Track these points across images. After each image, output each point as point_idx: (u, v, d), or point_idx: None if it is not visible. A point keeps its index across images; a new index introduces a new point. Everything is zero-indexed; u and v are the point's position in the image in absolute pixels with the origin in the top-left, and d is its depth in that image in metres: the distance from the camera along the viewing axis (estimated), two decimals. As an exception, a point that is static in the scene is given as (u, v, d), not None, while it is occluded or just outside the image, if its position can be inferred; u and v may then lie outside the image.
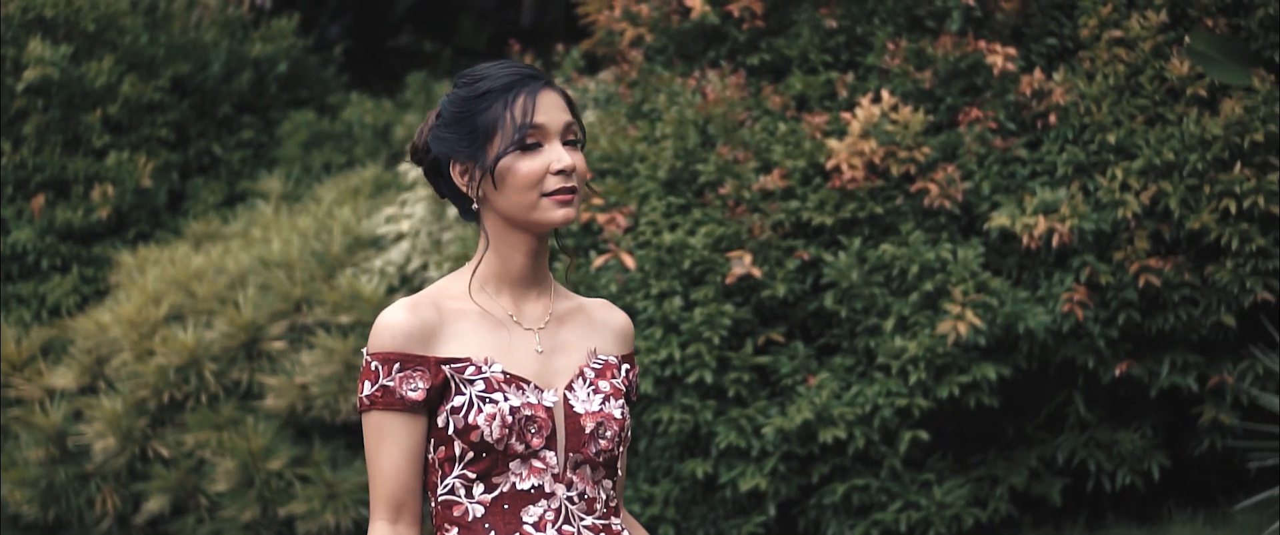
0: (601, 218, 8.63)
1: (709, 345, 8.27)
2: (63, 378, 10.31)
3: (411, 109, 12.05)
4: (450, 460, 3.42)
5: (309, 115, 12.12)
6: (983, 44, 8.72)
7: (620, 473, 3.59)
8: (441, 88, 12.24)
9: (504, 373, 3.43)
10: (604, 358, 3.58)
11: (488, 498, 3.42)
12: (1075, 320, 8.25)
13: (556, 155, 3.43)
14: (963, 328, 8.07)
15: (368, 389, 3.42)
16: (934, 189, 8.41)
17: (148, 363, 9.95)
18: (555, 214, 3.43)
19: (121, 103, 11.68)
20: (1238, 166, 8.37)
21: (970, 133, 8.62)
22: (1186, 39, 8.68)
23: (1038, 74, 8.71)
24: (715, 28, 9.18)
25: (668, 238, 8.42)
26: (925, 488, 8.46)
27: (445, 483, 3.44)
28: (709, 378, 8.25)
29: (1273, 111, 8.43)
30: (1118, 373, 8.42)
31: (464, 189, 3.48)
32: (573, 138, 3.47)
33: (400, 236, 10.28)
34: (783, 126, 8.76)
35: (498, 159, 3.43)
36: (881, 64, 8.88)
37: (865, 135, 8.48)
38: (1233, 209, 8.31)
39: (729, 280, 8.30)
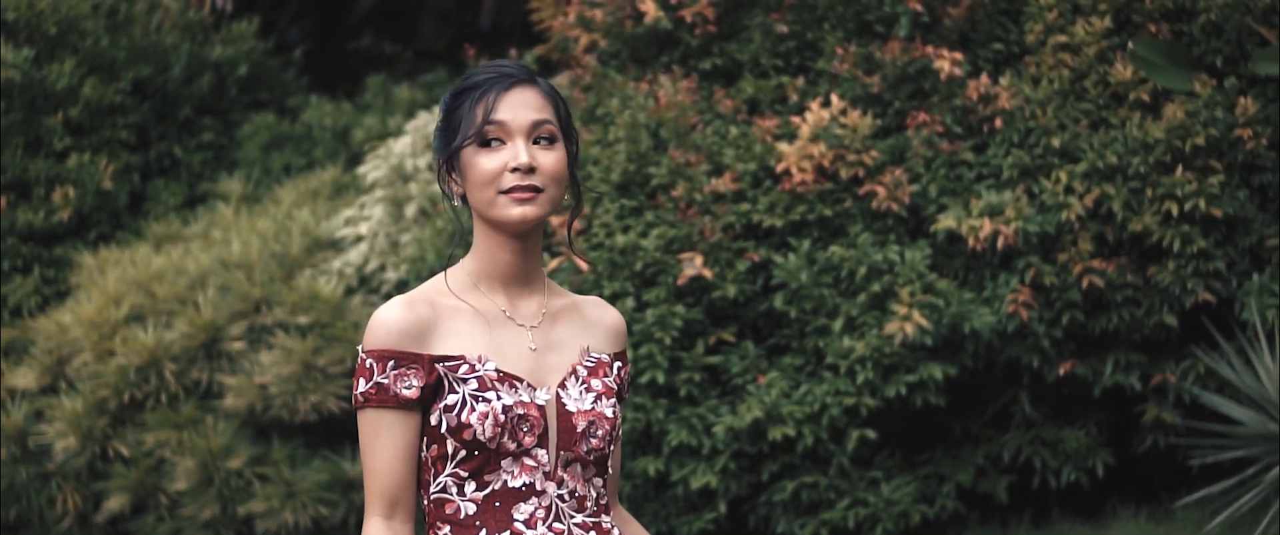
0: (555, 220, 8.73)
1: (661, 345, 8.39)
2: (24, 378, 10.34)
3: (371, 111, 12.11)
4: (443, 458, 3.44)
5: (269, 118, 12.18)
6: (930, 49, 8.85)
7: (612, 470, 3.60)
8: (400, 90, 12.32)
9: (497, 371, 3.43)
10: (597, 356, 3.58)
11: (479, 495, 3.43)
12: (1020, 321, 8.39)
13: (515, 153, 3.42)
14: (909, 328, 8.20)
15: (362, 386, 3.42)
16: (882, 192, 8.54)
17: (108, 363, 9.99)
18: (511, 212, 3.43)
19: (83, 105, 11.74)
20: (1180, 170, 8.52)
21: (918, 136, 8.74)
22: (1130, 44, 8.84)
23: (984, 79, 8.84)
24: (668, 32, 9.29)
25: (620, 240, 8.54)
26: (873, 485, 8.58)
27: (438, 480, 3.45)
28: (661, 378, 8.36)
29: (1214, 116, 8.58)
30: (1062, 372, 8.56)
31: (441, 185, 3.52)
32: (544, 136, 3.45)
33: (359, 238, 10.35)
34: (734, 130, 8.89)
35: (451, 153, 3.46)
36: (831, 69, 9.01)
37: (815, 139, 8.60)
38: (1175, 211, 8.46)
39: (681, 281, 8.42)
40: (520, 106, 3.44)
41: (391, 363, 3.39)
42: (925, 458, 8.87)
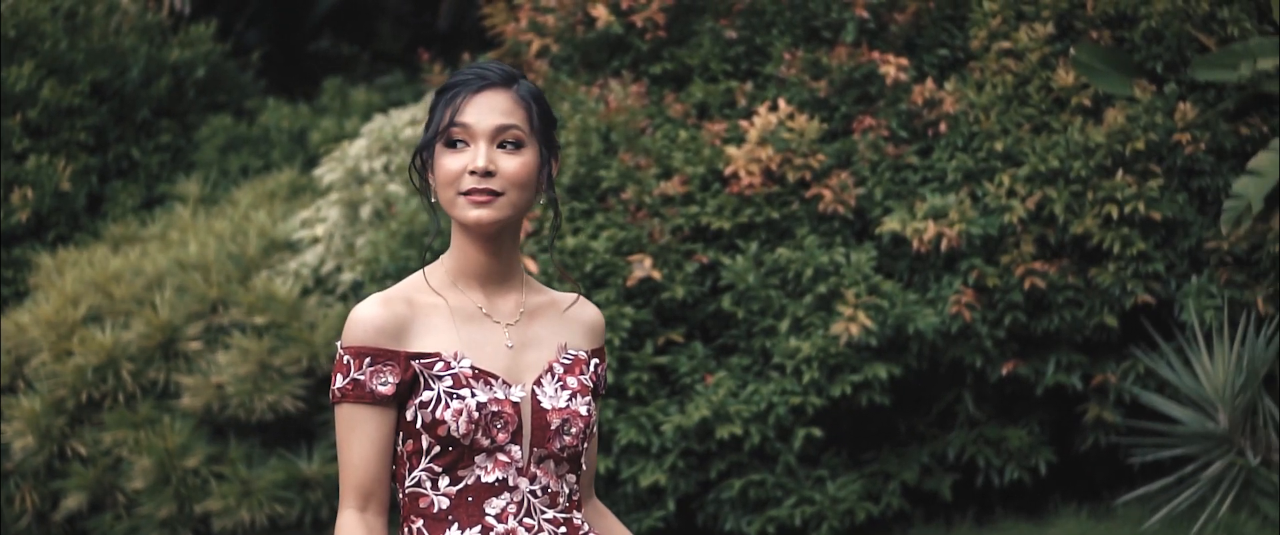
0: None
1: (610, 346, 8.50)
2: (-18, 377, 10.39)
3: (327, 114, 12.15)
4: (417, 453, 3.46)
5: (226, 120, 12.21)
6: (876, 54, 8.98)
7: (586, 467, 3.62)
8: (357, 93, 12.37)
9: (473, 368, 3.46)
10: (574, 353, 3.60)
11: (453, 490, 3.46)
12: (963, 321, 8.52)
13: (474, 155, 3.43)
14: (855, 329, 8.33)
15: (340, 381, 3.44)
16: (828, 195, 8.66)
17: (66, 363, 10.02)
18: (468, 214, 3.45)
19: (41, 107, 11.77)
20: (1120, 173, 8.67)
21: (864, 140, 8.87)
22: (1072, 50, 8.98)
23: (929, 84, 8.97)
24: (619, 38, 9.40)
25: (571, 242, 8.66)
26: (819, 483, 8.70)
27: (412, 474, 3.48)
28: (610, 377, 8.48)
29: (1154, 121, 8.72)
30: (1005, 372, 8.69)
31: (420, 181, 3.56)
32: (510, 140, 3.45)
33: (315, 240, 10.40)
34: (683, 134, 9.00)
35: (416, 152, 3.52)
36: (779, 73, 9.13)
37: (762, 142, 8.73)
38: (1115, 214, 8.61)
39: (630, 283, 8.54)
40: (487, 110, 3.45)
41: (368, 360, 3.43)
42: (871, 456, 8.99)
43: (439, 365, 3.45)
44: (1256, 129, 8.90)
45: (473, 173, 3.43)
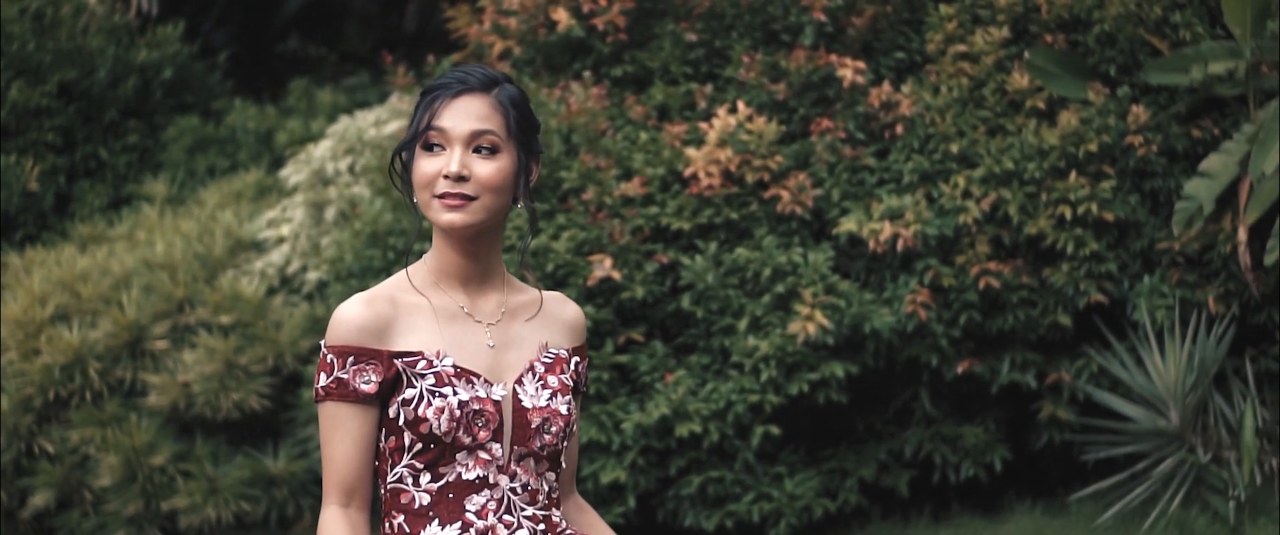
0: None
1: (572, 345, 8.58)
2: (-50, 376, 10.42)
3: (294, 115, 12.20)
4: (400, 450, 3.51)
5: (193, 120, 12.27)
6: (834, 58, 9.08)
7: (566, 464, 3.67)
8: (323, 94, 12.43)
9: (455, 366, 3.51)
10: (555, 351, 3.65)
11: (434, 486, 3.51)
12: (919, 320, 8.63)
13: (447, 160, 3.47)
14: (812, 328, 8.43)
15: (323, 380, 3.50)
16: (786, 196, 8.77)
17: (33, 361, 10.06)
18: (441, 217, 3.49)
19: (9, 108, 11.82)
20: (1073, 175, 8.78)
21: (821, 142, 8.98)
22: (1027, 54, 9.09)
23: (886, 86, 9.08)
24: (580, 40, 9.49)
25: (532, 242, 8.74)
26: (777, 480, 8.80)
27: (394, 471, 3.53)
28: (579, 374, 8.55)
29: (1107, 123, 8.85)
30: (960, 370, 8.81)
31: (402, 181, 3.61)
32: (485, 146, 3.49)
33: (280, 240, 10.47)
34: (643, 135, 9.10)
35: (395, 153, 3.58)
36: (738, 76, 9.23)
37: (722, 144, 8.82)
38: (1068, 215, 8.73)
39: (590, 283, 8.63)
40: (463, 115, 3.49)
41: (351, 358, 3.48)
42: (829, 453, 9.09)
43: (422, 364, 3.50)
44: (1208, 132, 9.01)
45: (446, 177, 3.47)
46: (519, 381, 3.57)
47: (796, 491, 8.72)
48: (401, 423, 3.49)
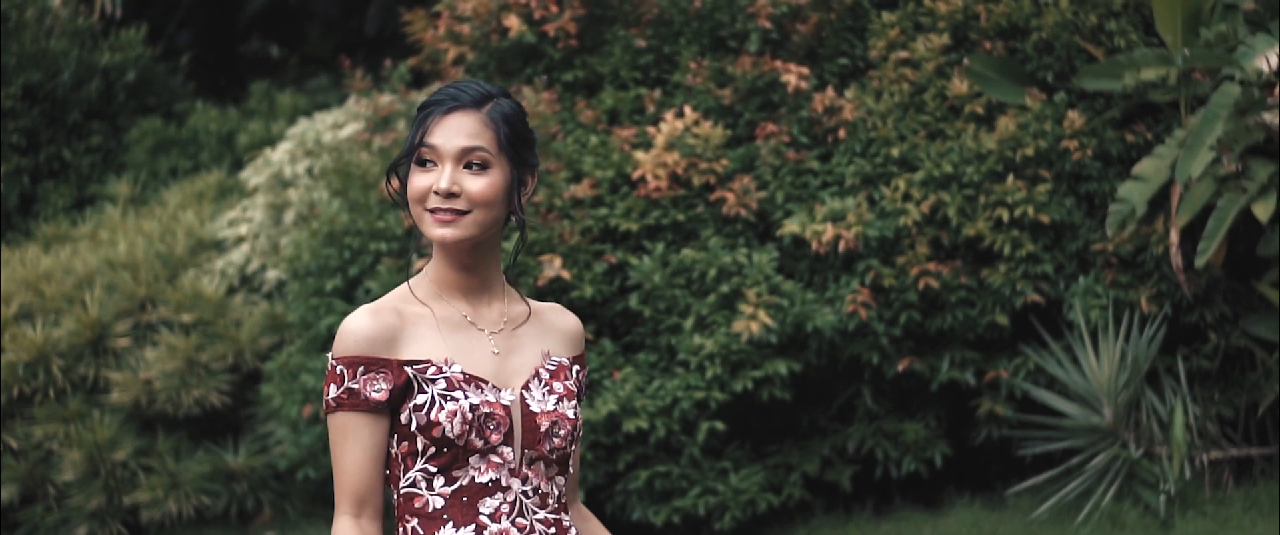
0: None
1: (522, 343, 8.73)
2: (-85, 373, 10.52)
3: (255, 117, 12.32)
4: (413, 454, 3.51)
5: (156, 122, 12.41)
6: (779, 64, 9.29)
7: (572, 470, 3.68)
8: (284, 96, 12.55)
9: (463, 373, 3.51)
10: (557, 359, 3.66)
11: (447, 490, 3.51)
12: (860, 320, 8.82)
13: (438, 176, 3.49)
14: (755, 326, 8.61)
15: (334, 391, 3.49)
16: (732, 198, 8.96)
17: (-2, 359, 10.19)
18: (433, 232, 3.51)
19: (-26, 110, 11.95)
20: (1010, 178, 8.99)
21: (766, 146, 9.18)
22: (966, 61, 9.30)
23: (830, 92, 9.28)
24: (533, 46, 9.67)
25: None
26: (723, 474, 8.98)
27: (407, 476, 3.52)
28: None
29: (1043, 128, 9.04)
30: (901, 368, 8.99)
31: (398, 194, 3.62)
32: (475, 162, 3.50)
33: (240, 240, 10.64)
34: (593, 139, 9.28)
35: (390, 168, 3.59)
36: (686, 82, 9.42)
37: (669, 148, 9.01)
38: (1005, 217, 8.94)
39: (541, 282, 8.80)
40: (453, 133, 3.51)
41: (361, 368, 3.48)
42: (773, 449, 9.27)
43: (431, 370, 3.50)
44: (1141, 136, 9.22)
45: (436, 193, 3.50)
46: (525, 387, 3.59)
47: (741, 486, 8.88)
48: (413, 428, 3.50)
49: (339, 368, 3.49)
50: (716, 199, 9.03)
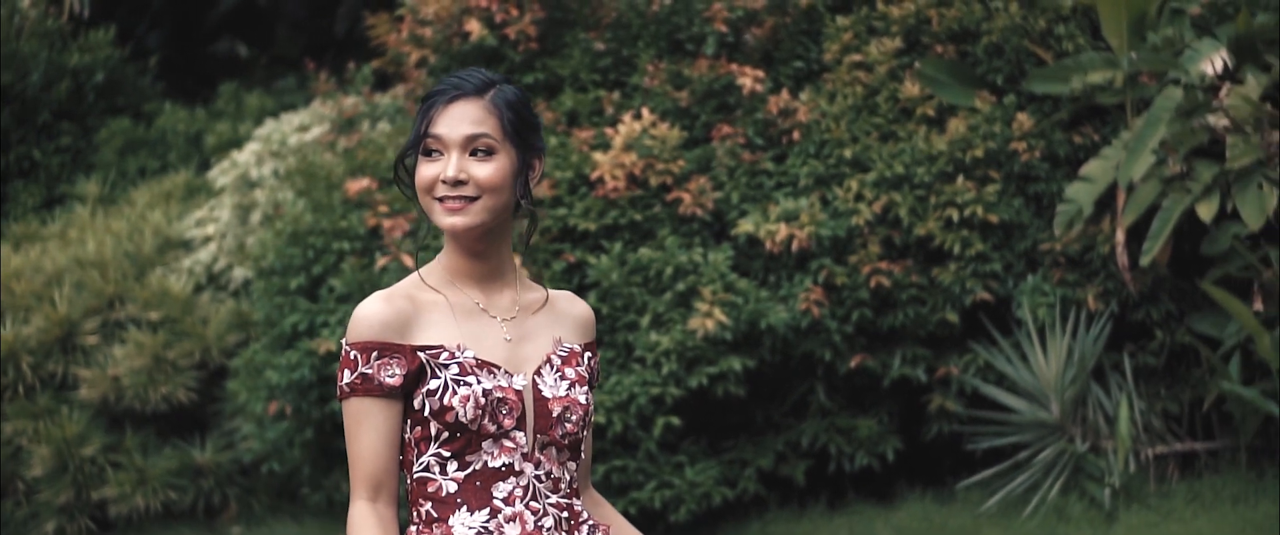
0: (387, 223, 9.25)
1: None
2: (-114, 370, 10.59)
3: (223, 117, 12.41)
4: (426, 440, 3.52)
5: (125, 123, 12.51)
6: (735, 67, 9.45)
7: (584, 455, 3.70)
8: (252, 97, 12.66)
9: (475, 358, 3.52)
10: (569, 346, 3.67)
11: (461, 475, 3.52)
12: (813, 317, 8.98)
13: (445, 164, 3.51)
14: (711, 324, 8.76)
15: (347, 377, 3.51)
16: (688, 198, 9.12)
17: (-33, 356, 10.28)
18: (442, 220, 3.53)
19: (-56, 110, 12.04)
20: (961, 179, 9.17)
21: (722, 147, 9.35)
22: (918, 64, 9.47)
23: (784, 94, 9.45)
24: (493, 49, 9.80)
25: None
26: (679, 468, 9.13)
27: (421, 461, 3.53)
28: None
29: (993, 130, 9.21)
30: (853, 365, 9.15)
31: (405, 185, 3.65)
32: (481, 148, 3.52)
33: (207, 239, 10.77)
34: (553, 140, 9.42)
35: (397, 159, 3.63)
36: (644, 84, 9.58)
37: (627, 149, 9.16)
38: (955, 217, 9.12)
39: (500, 281, 8.91)
40: (457, 121, 3.52)
41: (375, 353, 3.49)
42: (729, 444, 9.42)
43: (444, 355, 3.52)
44: (1089, 138, 9.41)
45: (444, 181, 3.52)
46: (537, 373, 3.59)
47: (697, 479, 9.04)
48: (427, 413, 3.51)
49: (353, 353, 3.50)
50: (673, 199, 9.18)
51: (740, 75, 9.39)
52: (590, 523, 3.68)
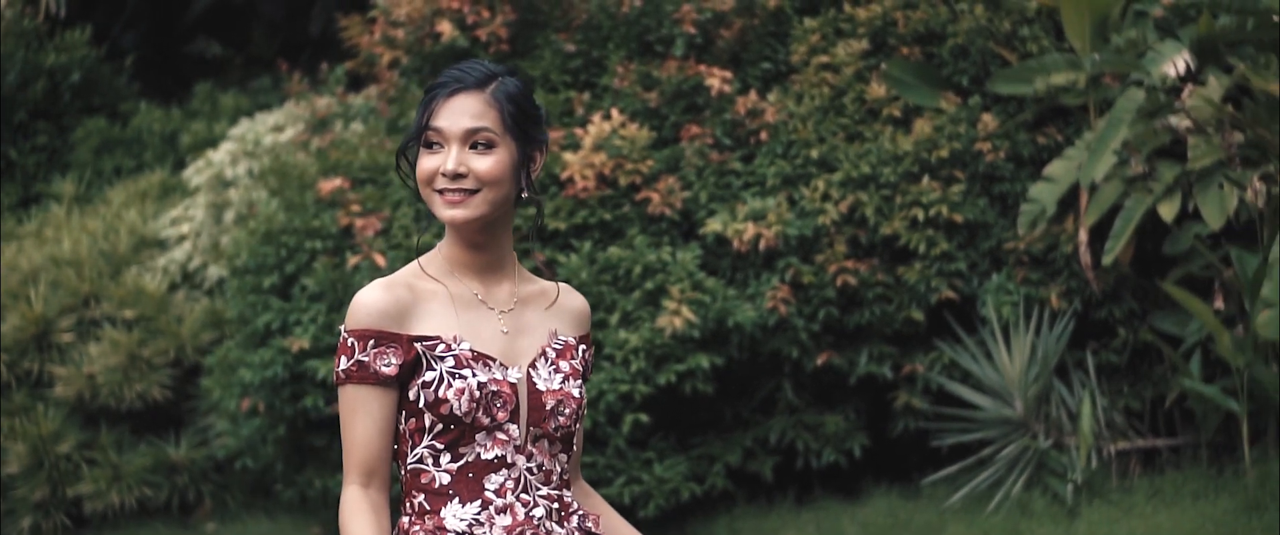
0: (359, 223, 9.34)
1: (453, 338, 8.95)
2: None
3: (198, 117, 12.47)
4: (420, 431, 3.55)
5: (101, 122, 12.57)
6: (703, 68, 9.54)
7: (576, 448, 3.72)
8: (227, 97, 12.72)
9: (471, 350, 3.54)
10: (564, 339, 3.70)
11: (454, 466, 3.55)
12: (780, 316, 9.08)
13: (445, 157, 3.54)
14: (679, 322, 8.86)
15: (344, 363, 3.53)
16: (657, 198, 9.21)
17: (-56, 354, 10.34)
18: (442, 212, 3.57)
19: (-79, 110, 12.07)
20: (926, 179, 9.27)
21: (690, 147, 9.44)
22: (884, 65, 9.56)
23: (752, 95, 9.54)
24: (465, 50, 9.85)
25: (417, 240, 9.11)
26: (647, 465, 9.22)
27: (415, 452, 3.56)
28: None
29: (958, 130, 9.31)
30: (820, 362, 9.24)
31: (406, 176, 3.68)
32: (481, 142, 3.54)
33: (182, 238, 10.84)
34: (523, 141, 9.48)
35: (399, 152, 3.66)
36: (613, 85, 9.66)
37: (597, 149, 9.25)
38: (921, 217, 9.21)
39: (471, 279, 8.99)
40: (457, 114, 3.55)
41: (372, 341, 3.52)
42: (697, 440, 9.50)
43: (440, 347, 3.54)
44: (1052, 138, 9.50)
45: (444, 174, 3.55)
46: (532, 366, 3.62)
47: (665, 475, 9.13)
48: (422, 405, 3.54)
49: (350, 340, 3.53)
50: (642, 199, 9.27)
51: (709, 76, 9.47)
52: (580, 513, 3.71)
